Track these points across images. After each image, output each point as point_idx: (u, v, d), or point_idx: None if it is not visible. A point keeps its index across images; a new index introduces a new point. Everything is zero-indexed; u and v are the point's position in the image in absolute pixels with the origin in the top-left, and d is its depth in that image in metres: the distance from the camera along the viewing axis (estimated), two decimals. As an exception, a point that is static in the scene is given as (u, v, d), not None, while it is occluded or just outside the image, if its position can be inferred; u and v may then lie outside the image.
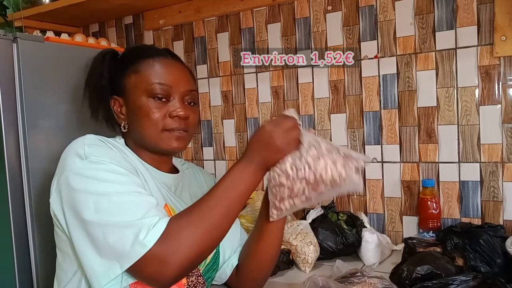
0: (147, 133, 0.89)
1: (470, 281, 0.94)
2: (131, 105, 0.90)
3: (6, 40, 1.23)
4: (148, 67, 0.91)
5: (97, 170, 0.78)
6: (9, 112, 1.23)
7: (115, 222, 0.73)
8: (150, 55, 0.92)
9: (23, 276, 1.27)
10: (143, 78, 0.90)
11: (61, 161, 0.83)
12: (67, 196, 0.79)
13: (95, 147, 0.82)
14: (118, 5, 1.77)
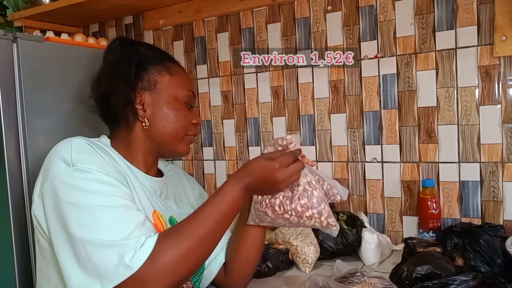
0: (173, 135, 0.91)
1: (470, 281, 0.94)
2: (162, 104, 0.90)
3: (6, 40, 1.23)
4: (179, 72, 0.95)
5: (83, 179, 0.75)
6: (9, 112, 1.23)
7: (99, 240, 0.70)
8: (173, 59, 0.97)
9: (23, 276, 1.27)
10: (178, 82, 0.93)
11: (46, 164, 0.79)
12: (51, 204, 0.75)
13: (83, 154, 0.78)
14: (118, 5, 1.77)
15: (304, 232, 1.30)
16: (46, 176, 0.78)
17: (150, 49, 0.97)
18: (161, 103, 0.91)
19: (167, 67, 0.93)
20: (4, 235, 1.26)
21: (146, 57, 0.92)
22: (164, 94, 0.91)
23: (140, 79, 0.90)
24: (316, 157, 1.58)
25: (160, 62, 0.93)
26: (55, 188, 0.75)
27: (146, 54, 0.93)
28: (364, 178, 1.50)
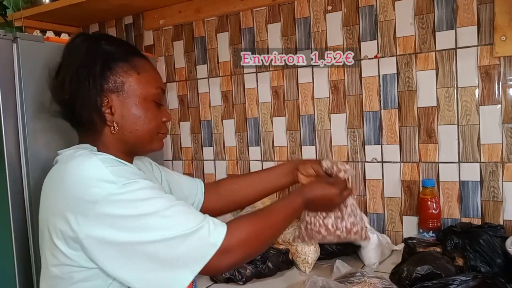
0: (145, 135, 0.89)
1: (470, 281, 0.94)
2: (131, 106, 0.85)
3: (6, 40, 1.23)
4: (146, 68, 0.89)
5: (137, 191, 0.76)
6: (9, 112, 1.23)
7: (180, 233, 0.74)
8: (139, 54, 0.91)
9: (23, 276, 1.27)
10: (146, 81, 0.88)
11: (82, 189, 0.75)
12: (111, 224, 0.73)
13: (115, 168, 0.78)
14: (118, 5, 1.77)
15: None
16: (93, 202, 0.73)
17: (113, 44, 0.88)
18: (130, 105, 0.85)
19: (133, 65, 0.87)
20: (4, 235, 1.26)
21: (111, 54, 0.86)
22: (132, 95, 0.86)
23: (105, 81, 0.84)
24: (316, 157, 1.58)
25: (126, 59, 0.87)
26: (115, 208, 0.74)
27: (110, 52, 0.86)
28: (364, 178, 1.50)
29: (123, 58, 0.86)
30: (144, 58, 0.91)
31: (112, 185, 0.74)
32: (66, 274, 0.80)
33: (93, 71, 0.83)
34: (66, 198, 0.76)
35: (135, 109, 0.86)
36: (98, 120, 0.85)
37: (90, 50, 0.85)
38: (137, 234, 0.74)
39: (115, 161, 0.80)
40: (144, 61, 0.90)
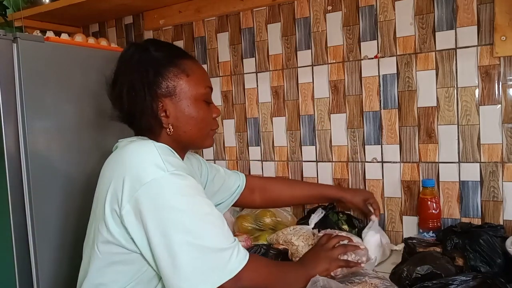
0: (199, 133, 0.94)
1: (470, 281, 0.94)
2: (184, 108, 0.91)
3: (6, 40, 1.23)
4: (195, 70, 0.94)
5: (183, 186, 0.79)
6: (9, 112, 1.23)
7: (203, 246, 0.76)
8: (188, 56, 0.95)
9: (23, 276, 1.27)
10: (196, 82, 0.92)
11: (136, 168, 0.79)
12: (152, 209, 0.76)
13: (171, 158, 0.82)
14: (118, 5, 1.77)
15: (305, 234, 1.30)
16: (141, 181, 0.77)
17: (161, 49, 0.94)
18: (183, 107, 0.91)
19: (182, 68, 0.92)
20: (4, 235, 1.26)
21: (161, 61, 0.91)
22: (184, 97, 0.91)
23: (158, 87, 0.90)
24: (316, 157, 1.58)
25: (174, 62, 0.92)
26: (157, 193, 0.77)
27: (159, 58, 0.91)
28: (364, 178, 1.50)
29: (172, 62, 0.91)
30: (191, 59, 0.95)
31: (160, 172, 0.78)
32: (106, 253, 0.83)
33: (147, 80, 0.88)
34: (120, 176, 0.80)
35: (188, 110, 0.91)
36: (155, 124, 0.91)
37: (141, 60, 0.90)
38: (167, 226, 0.75)
39: (169, 151, 0.84)
40: (192, 62, 0.94)
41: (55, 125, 1.35)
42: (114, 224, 0.80)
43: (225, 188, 1.23)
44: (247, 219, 1.49)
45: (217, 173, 1.23)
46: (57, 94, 1.35)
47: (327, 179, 1.56)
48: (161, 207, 0.76)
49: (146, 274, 0.82)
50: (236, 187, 1.24)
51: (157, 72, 0.89)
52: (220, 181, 1.22)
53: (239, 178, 1.26)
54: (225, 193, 1.23)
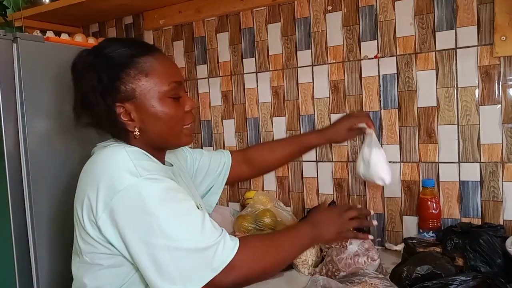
0: (170, 133, 0.89)
1: (470, 281, 0.94)
2: (149, 109, 0.85)
3: (6, 40, 1.23)
4: (155, 66, 0.86)
5: (157, 189, 0.76)
6: (9, 112, 1.23)
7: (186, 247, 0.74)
8: (147, 52, 0.87)
9: (23, 276, 1.27)
10: (157, 80, 0.85)
11: (108, 176, 0.78)
12: (127, 218, 0.76)
13: (143, 162, 0.80)
14: (118, 5, 1.77)
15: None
16: (115, 189, 0.76)
17: (117, 49, 0.87)
18: (147, 108, 0.85)
19: (139, 67, 0.85)
20: (4, 236, 1.26)
21: (114, 64, 0.85)
22: (147, 98, 0.85)
23: (116, 92, 0.84)
24: (316, 157, 1.58)
25: (131, 63, 0.85)
26: (132, 201, 0.75)
27: (112, 61, 0.85)
28: (364, 178, 1.50)
29: (127, 63, 0.85)
30: (152, 55, 0.87)
31: (133, 178, 0.76)
32: (94, 259, 0.83)
33: (101, 87, 0.84)
34: (94, 184, 0.79)
35: (153, 111, 0.85)
36: (121, 130, 0.87)
37: (92, 66, 0.85)
38: (145, 233, 0.75)
39: (142, 155, 0.82)
40: (152, 59, 0.87)
41: (55, 125, 1.35)
42: (94, 233, 0.80)
43: (213, 169, 1.19)
44: (247, 219, 1.50)
45: (201, 157, 1.19)
46: (57, 94, 1.35)
47: (327, 179, 1.56)
48: (137, 214, 0.75)
49: (139, 272, 0.82)
50: (222, 164, 1.20)
51: (111, 76, 0.84)
52: (206, 163, 1.19)
53: (224, 155, 1.22)
54: (214, 173, 1.19)
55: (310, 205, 1.59)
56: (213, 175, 1.18)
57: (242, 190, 1.75)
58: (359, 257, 1.14)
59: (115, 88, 0.84)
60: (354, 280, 0.98)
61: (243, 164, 1.23)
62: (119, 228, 0.76)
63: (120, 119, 0.85)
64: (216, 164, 1.20)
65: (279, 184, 1.67)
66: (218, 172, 1.19)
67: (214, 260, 0.75)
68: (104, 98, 0.84)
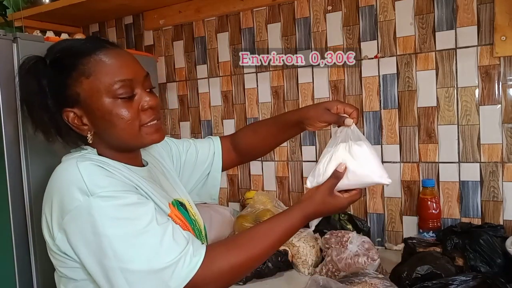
0: (125, 135, 0.82)
1: (470, 281, 0.94)
2: (96, 113, 0.80)
3: (6, 40, 1.23)
4: (98, 66, 0.79)
5: (108, 208, 0.72)
6: (9, 112, 1.23)
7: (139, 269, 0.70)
8: (91, 51, 0.80)
9: (23, 276, 1.27)
10: (99, 81, 0.79)
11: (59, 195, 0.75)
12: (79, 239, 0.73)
13: (96, 177, 0.75)
14: (118, 5, 1.77)
15: (307, 237, 1.31)
16: (65, 209, 0.73)
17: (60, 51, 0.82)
18: (94, 111, 0.80)
19: (80, 69, 0.79)
20: (4, 236, 1.26)
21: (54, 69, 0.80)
22: (92, 101, 0.79)
23: (62, 97, 0.80)
24: (316, 157, 1.58)
25: (73, 66, 0.79)
26: (82, 222, 0.72)
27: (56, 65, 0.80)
28: (364, 178, 1.50)
29: (71, 65, 0.79)
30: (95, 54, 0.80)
31: (83, 197, 0.72)
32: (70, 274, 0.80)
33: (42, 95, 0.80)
34: (48, 202, 0.77)
35: (99, 114, 0.80)
36: (77, 133, 0.83)
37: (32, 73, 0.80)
38: (98, 255, 0.72)
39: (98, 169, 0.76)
40: (96, 58, 0.80)
41: (55, 125, 1.35)
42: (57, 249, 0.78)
43: (201, 160, 1.12)
44: (247, 219, 1.49)
45: (189, 148, 1.13)
46: (57, 94, 1.35)
47: (327, 179, 1.56)
48: (88, 235, 0.72)
49: None
50: (212, 154, 1.12)
51: (52, 82, 0.79)
52: (193, 155, 1.12)
53: (212, 143, 1.14)
54: (203, 164, 1.12)
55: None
56: (202, 166, 1.11)
57: (242, 190, 1.75)
58: (359, 257, 1.13)
59: (59, 94, 0.79)
60: (354, 280, 0.98)
61: (232, 151, 1.16)
62: (73, 248, 0.74)
63: (72, 124, 0.82)
64: (204, 156, 1.12)
65: (279, 184, 1.67)
66: (209, 163, 1.12)
67: (171, 281, 0.70)
68: (46, 106, 0.80)
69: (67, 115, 0.81)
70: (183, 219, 0.89)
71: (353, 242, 1.16)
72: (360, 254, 1.14)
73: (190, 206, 0.99)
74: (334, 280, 0.99)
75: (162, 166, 1.04)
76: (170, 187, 0.98)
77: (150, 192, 0.84)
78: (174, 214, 0.87)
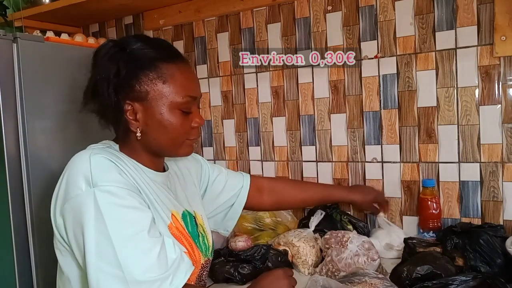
0: (169, 143, 0.87)
1: (470, 281, 0.94)
2: (156, 115, 0.84)
3: (6, 40, 1.23)
4: (175, 75, 0.85)
5: (104, 204, 0.73)
6: (9, 112, 1.23)
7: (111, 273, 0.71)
8: (171, 59, 0.86)
9: (23, 276, 1.27)
10: (173, 90, 0.84)
11: (67, 180, 0.77)
12: (72, 226, 0.76)
13: (103, 172, 0.77)
14: (118, 5, 1.77)
15: (307, 237, 1.31)
16: (67, 196, 0.76)
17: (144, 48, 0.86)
18: (154, 114, 0.84)
19: (160, 73, 0.84)
20: (4, 235, 1.26)
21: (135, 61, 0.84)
22: (157, 104, 0.84)
23: (130, 89, 0.83)
24: (316, 157, 1.58)
25: (153, 66, 0.84)
26: (77, 211, 0.74)
27: (135, 58, 0.84)
28: (364, 178, 1.50)
29: (149, 65, 0.84)
30: (176, 64, 0.86)
31: (85, 186, 0.74)
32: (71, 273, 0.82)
33: (116, 79, 0.83)
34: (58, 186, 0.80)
35: (159, 118, 0.84)
36: (124, 125, 0.86)
37: (114, 58, 0.84)
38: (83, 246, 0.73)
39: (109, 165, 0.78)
40: (175, 67, 0.85)
41: (55, 125, 1.35)
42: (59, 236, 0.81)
43: (229, 188, 1.16)
44: (247, 219, 1.49)
45: (219, 174, 1.17)
46: (57, 94, 1.35)
47: (327, 179, 1.56)
48: (79, 225, 0.74)
49: None
50: (240, 187, 1.17)
51: (129, 73, 0.83)
52: (222, 182, 1.16)
53: (242, 178, 1.19)
54: (228, 193, 1.16)
55: (310, 205, 1.59)
56: (227, 195, 1.15)
57: (242, 190, 1.75)
58: (359, 257, 1.14)
59: (129, 86, 0.83)
60: (354, 280, 0.98)
61: (266, 194, 1.20)
62: (67, 234, 0.77)
63: (125, 116, 0.85)
64: (232, 186, 1.16)
65: (279, 184, 1.67)
66: (234, 194, 1.16)
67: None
68: (116, 92, 0.83)
69: (127, 106, 0.84)
70: (184, 232, 0.90)
71: (353, 242, 1.16)
72: (360, 254, 1.14)
73: (202, 221, 1.00)
74: (334, 280, 0.99)
75: (184, 178, 1.06)
76: (184, 198, 0.99)
77: (154, 197, 0.85)
78: (175, 226, 0.87)
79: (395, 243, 1.30)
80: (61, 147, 1.35)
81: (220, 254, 1.28)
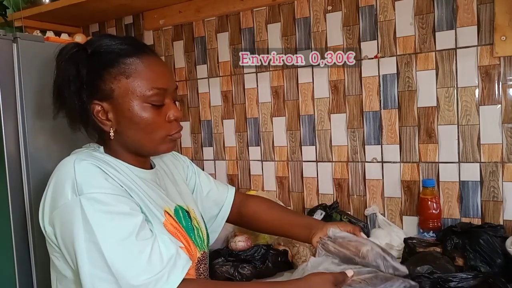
0: (147, 140, 0.85)
1: (470, 280, 0.94)
2: (125, 112, 0.82)
3: (6, 40, 1.23)
4: (139, 69, 0.82)
5: (91, 211, 0.73)
6: (9, 112, 1.23)
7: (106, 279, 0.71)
8: (135, 53, 0.83)
9: (23, 276, 1.27)
10: (137, 84, 0.81)
11: (54, 188, 0.77)
12: (60, 235, 0.76)
13: (89, 178, 0.76)
14: (118, 5, 1.77)
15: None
16: (55, 204, 0.76)
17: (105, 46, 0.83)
18: (123, 111, 0.82)
19: (123, 68, 0.81)
20: (4, 236, 1.26)
21: (99, 61, 0.82)
22: (124, 101, 0.81)
23: (96, 89, 0.82)
24: (316, 157, 1.58)
25: (116, 62, 0.81)
26: (66, 220, 0.74)
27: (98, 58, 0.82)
28: (364, 178, 1.50)
29: (113, 62, 0.82)
30: (138, 57, 0.83)
31: (72, 195, 0.74)
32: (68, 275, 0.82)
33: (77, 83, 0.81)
34: (45, 194, 0.80)
35: (129, 115, 0.82)
36: (94, 126, 0.85)
37: (73, 60, 0.82)
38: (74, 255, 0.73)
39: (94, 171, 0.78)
40: (138, 61, 0.83)
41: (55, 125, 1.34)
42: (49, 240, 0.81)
43: (212, 197, 1.13)
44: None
45: (208, 178, 1.15)
46: (57, 94, 1.35)
47: (327, 179, 1.57)
48: (69, 235, 0.74)
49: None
50: (225, 197, 1.14)
51: (91, 73, 0.81)
52: (207, 187, 1.13)
53: (228, 189, 1.15)
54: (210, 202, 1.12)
55: (310, 205, 1.59)
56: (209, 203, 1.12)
57: (242, 190, 1.75)
58: None
59: (94, 85, 0.81)
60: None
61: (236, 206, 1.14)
62: (58, 243, 0.77)
63: (96, 117, 0.83)
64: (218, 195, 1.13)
65: (279, 184, 1.67)
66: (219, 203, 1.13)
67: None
68: (80, 93, 0.81)
69: (93, 107, 0.83)
70: (179, 228, 0.89)
71: None
72: None
73: (195, 214, 0.99)
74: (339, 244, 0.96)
75: (173, 173, 1.05)
76: (176, 193, 0.98)
77: (145, 195, 0.84)
78: (170, 223, 0.86)
79: (395, 243, 1.30)
80: (61, 147, 1.35)
81: (220, 254, 1.28)
